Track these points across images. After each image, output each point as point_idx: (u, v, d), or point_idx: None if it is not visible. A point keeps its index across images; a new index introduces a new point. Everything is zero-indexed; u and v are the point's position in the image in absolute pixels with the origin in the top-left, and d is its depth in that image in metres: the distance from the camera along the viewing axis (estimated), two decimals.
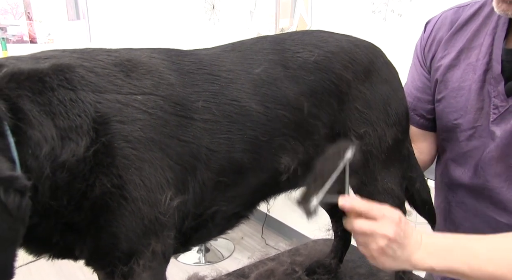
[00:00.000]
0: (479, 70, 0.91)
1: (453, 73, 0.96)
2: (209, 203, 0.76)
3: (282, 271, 1.08)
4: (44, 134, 0.58)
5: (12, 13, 3.22)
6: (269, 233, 3.27)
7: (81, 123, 0.60)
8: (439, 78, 0.98)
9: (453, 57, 0.96)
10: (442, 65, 0.98)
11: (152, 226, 0.66)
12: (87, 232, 0.64)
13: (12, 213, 0.50)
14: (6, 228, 0.50)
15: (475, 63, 0.92)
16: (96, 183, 0.61)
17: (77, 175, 0.60)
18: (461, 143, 0.95)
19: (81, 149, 0.60)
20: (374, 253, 0.74)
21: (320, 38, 0.85)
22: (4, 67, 0.59)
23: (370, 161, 0.87)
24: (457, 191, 1.00)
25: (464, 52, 0.95)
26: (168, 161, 0.67)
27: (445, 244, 0.75)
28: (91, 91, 0.63)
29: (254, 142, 0.76)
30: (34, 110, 0.58)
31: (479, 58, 0.91)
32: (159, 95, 0.68)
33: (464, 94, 0.93)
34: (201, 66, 0.75)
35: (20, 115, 0.56)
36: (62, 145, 0.59)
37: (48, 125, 0.58)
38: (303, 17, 2.67)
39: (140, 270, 0.65)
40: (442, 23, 1.00)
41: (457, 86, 0.95)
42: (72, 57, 0.66)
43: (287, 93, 0.79)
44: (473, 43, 0.94)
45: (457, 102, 0.95)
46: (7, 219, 0.50)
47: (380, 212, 0.72)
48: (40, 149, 0.57)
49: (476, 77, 0.91)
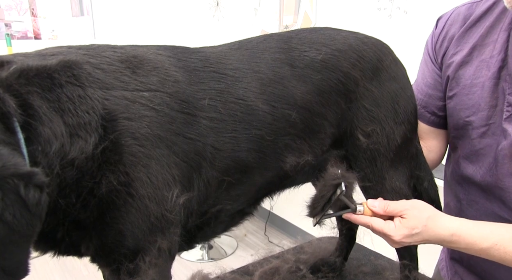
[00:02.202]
0: (493, 67, 0.89)
1: (466, 70, 0.94)
2: (214, 201, 0.76)
3: (286, 269, 1.08)
4: (54, 130, 0.57)
5: (16, 9, 3.23)
6: (272, 231, 3.27)
7: (89, 120, 0.60)
8: (451, 75, 0.97)
9: (466, 54, 0.94)
10: (454, 62, 0.96)
11: (159, 223, 0.66)
12: (93, 229, 0.63)
13: (31, 209, 0.50)
14: (25, 224, 0.50)
15: (489, 60, 0.91)
16: (103, 180, 0.61)
17: (86, 172, 0.60)
18: (474, 141, 0.94)
19: (90, 146, 0.59)
20: (392, 244, 0.83)
21: (327, 36, 0.85)
22: (13, 64, 0.58)
23: (378, 159, 0.86)
24: (469, 189, 0.99)
25: (477, 49, 0.93)
26: (174, 158, 0.67)
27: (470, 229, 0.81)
28: (99, 88, 0.62)
29: (259, 142, 0.76)
30: (44, 106, 0.57)
31: (493, 54, 0.90)
32: (165, 92, 0.68)
33: (477, 91, 0.92)
34: (208, 64, 0.75)
35: (30, 112, 0.56)
36: (71, 142, 0.58)
37: (57, 121, 0.58)
38: (308, 14, 2.66)
39: (146, 267, 0.65)
40: (455, 19, 0.99)
41: (470, 83, 0.93)
42: (78, 53, 0.66)
43: (294, 93, 0.78)
44: (487, 40, 0.92)
45: (469, 99, 0.93)
46: (26, 215, 0.50)
47: (382, 230, 0.80)
48: (50, 146, 0.57)
49: (490, 74, 0.90)
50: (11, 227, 0.49)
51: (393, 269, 1.09)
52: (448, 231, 0.80)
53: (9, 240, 0.49)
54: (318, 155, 0.84)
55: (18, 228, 0.49)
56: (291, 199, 0.97)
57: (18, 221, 0.49)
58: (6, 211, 0.48)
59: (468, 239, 0.80)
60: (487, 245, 0.79)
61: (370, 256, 1.21)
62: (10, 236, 0.49)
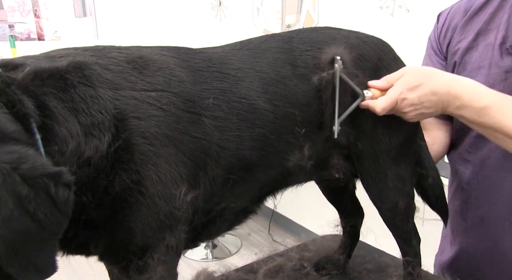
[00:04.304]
0: (496, 47, 0.92)
1: (472, 54, 0.96)
2: (218, 199, 0.77)
3: (290, 267, 1.08)
4: (70, 130, 0.58)
5: (19, 10, 3.25)
6: (276, 229, 3.28)
7: (102, 120, 0.61)
8: (458, 60, 0.99)
9: (471, 39, 0.97)
10: (460, 49, 0.98)
11: (167, 221, 0.67)
12: (104, 228, 0.64)
13: (60, 207, 0.51)
14: (55, 222, 0.51)
15: (494, 42, 0.93)
16: (116, 179, 0.62)
17: (101, 171, 0.61)
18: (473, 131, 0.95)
19: (104, 145, 0.60)
20: (412, 117, 0.84)
21: (328, 35, 0.85)
22: (27, 66, 0.60)
23: (380, 157, 0.87)
24: (470, 179, 1.01)
25: (482, 34, 0.96)
26: (181, 157, 0.68)
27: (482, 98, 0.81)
28: (108, 88, 0.64)
29: (262, 140, 0.76)
30: (59, 106, 0.58)
31: (498, 37, 0.92)
32: (171, 92, 0.69)
33: (484, 72, 0.94)
34: (210, 64, 0.76)
35: (47, 112, 0.57)
36: (86, 141, 0.59)
37: (73, 121, 0.59)
38: (310, 13, 2.67)
39: (154, 264, 0.66)
40: (456, 11, 1.01)
41: (477, 66, 0.95)
42: (86, 55, 0.67)
43: (295, 91, 0.79)
44: (490, 25, 0.94)
45: (477, 81, 0.94)
46: (56, 213, 0.51)
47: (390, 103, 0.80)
48: (67, 145, 0.58)
49: (495, 53, 0.92)
50: (43, 225, 0.50)
51: (397, 266, 1.10)
52: (447, 87, 0.82)
53: (40, 238, 0.51)
54: (320, 153, 0.85)
55: (49, 226, 0.51)
56: (295, 198, 0.98)
57: (49, 219, 0.50)
58: (38, 210, 0.49)
59: (465, 96, 0.81)
60: (483, 105, 0.80)
61: (374, 254, 1.21)
62: (41, 234, 0.50)
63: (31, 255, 0.51)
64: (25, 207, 0.48)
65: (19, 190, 0.48)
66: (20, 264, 0.49)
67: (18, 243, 0.48)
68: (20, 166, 0.49)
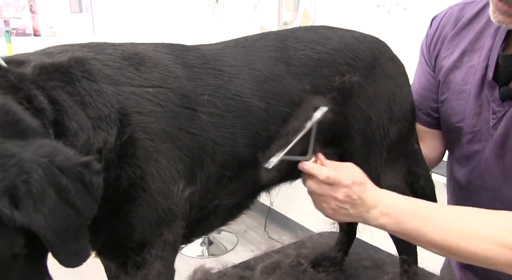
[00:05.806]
0: (478, 75, 0.89)
1: (455, 75, 0.94)
2: (212, 196, 0.77)
3: (287, 264, 1.09)
4: (80, 124, 0.59)
5: (14, 5, 3.22)
6: (272, 226, 3.29)
7: (109, 113, 0.62)
8: (441, 79, 0.97)
9: (456, 58, 0.94)
10: (445, 66, 0.96)
11: (165, 217, 0.67)
12: (103, 223, 0.64)
13: (92, 194, 0.53)
14: (89, 209, 0.53)
15: (476, 66, 0.90)
16: (123, 173, 0.63)
17: (111, 164, 0.62)
18: (463, 146, 0.95)
19: (112, 138, 0.61)
20: (327, 212, 0.81)
21: (323, 35, 0.85)
22: (31, 62, 0.60)
23: (373, 157, 0.87)
24: (460, 192, 1.00)
25: (467, 54, 0.93)
26: (179, 153, 0.68)
27: (402, 208, 0.78)
28: (110, 83, 0.64)
29: (255, 137, 0.77)
30: (68, 100, 0.59)
31: (480, 61, 0.90)
32: (168, 88, 0.69)
33: (465, 97, 0.92)
34: (205, 60, 0.76)
35: (57, 106, 0.58)
36: (95, 134, 0.60)
37: (81, 115, 0.60)
38: (307, 11, 2.66)
39: (152, 260, 0.66)
40: (448, 20, 0.99)
41: (459, 89, 0.93)
42: (83, 50, 0.67)
43: (289, 90, 0.79)
44: (476, 45, 0.92)
45: (458, 105, 0.93)
46: (90, 200, 0.53)
47: (336, 178, 0.77)
48: (78, 139, 0.59)
49: (475, 81, 0.90)
50: (81, 213, 0.52)
51: (393, 263, 1.11)
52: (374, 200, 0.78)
53: (78, 224, 0.53)
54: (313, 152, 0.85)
55: (85, 213, 0.53)
56: (291, 195, 0.98)
57: (85, 207, 0.53)
58: (76, 198, 0.51)
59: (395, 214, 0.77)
60: None
61: (370, 251, 1.22)
62: (78, 221, 0.52)
63: (71, 242, 0.52)
64: (65, 196, 0.50)
65: (58, 181, 0.50)
66: (65, 251, 0.52)
67: (63, 231, 0.50)
68: (55, 158, 0.51)
